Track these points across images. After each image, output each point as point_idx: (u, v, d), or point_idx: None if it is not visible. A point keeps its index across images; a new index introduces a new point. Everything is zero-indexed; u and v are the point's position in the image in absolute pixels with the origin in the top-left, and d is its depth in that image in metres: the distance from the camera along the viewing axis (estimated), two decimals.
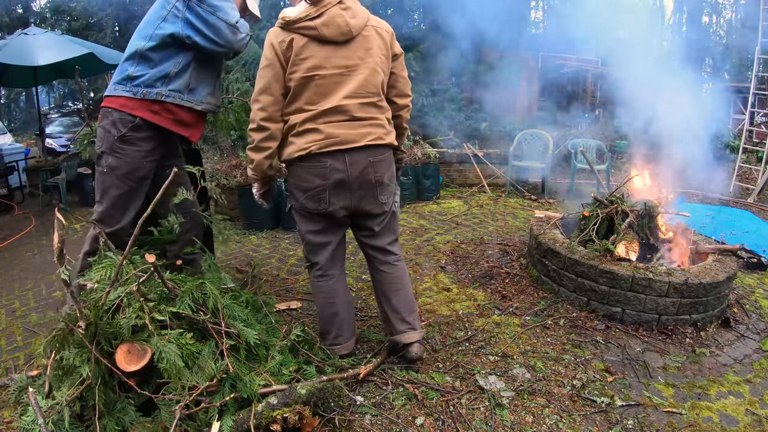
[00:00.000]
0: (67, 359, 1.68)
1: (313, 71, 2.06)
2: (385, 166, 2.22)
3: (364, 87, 2.12)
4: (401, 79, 2.30)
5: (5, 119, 15.71)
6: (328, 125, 2.08)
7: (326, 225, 2.27)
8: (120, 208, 2.36)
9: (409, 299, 2.39)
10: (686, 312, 2.78)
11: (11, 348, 2.65)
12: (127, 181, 2.35)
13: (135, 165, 2.34)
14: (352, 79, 2.09)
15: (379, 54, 2.15)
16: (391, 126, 2.28)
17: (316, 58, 2.06)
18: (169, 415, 1.68)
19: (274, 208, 4.72)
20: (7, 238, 4.79)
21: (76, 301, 1.68)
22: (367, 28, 2.13)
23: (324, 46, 2.07)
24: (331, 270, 2.36)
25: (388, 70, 2.23)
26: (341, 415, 2.00)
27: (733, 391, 2.30)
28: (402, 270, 2.41)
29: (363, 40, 2.12)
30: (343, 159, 2.11)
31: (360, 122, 2.12)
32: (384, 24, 2.24)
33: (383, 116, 2.21)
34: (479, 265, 3.72)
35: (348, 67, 2.09)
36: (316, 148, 2.08)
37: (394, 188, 2.34)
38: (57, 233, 1.56)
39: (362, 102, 2.12)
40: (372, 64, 2.13)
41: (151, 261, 1.80)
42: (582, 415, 2.09)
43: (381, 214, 2.30)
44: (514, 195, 6.25)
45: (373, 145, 2.15)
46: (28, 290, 3.45)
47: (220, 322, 1.97)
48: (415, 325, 2.36)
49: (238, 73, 7.28)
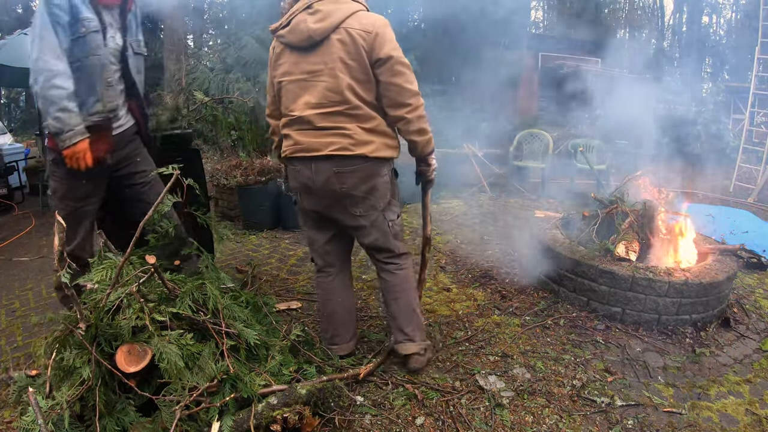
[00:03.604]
0: (68, 360, 1.68)
1: (282, 77, 2.14)
2: (355, 178, 2.09)
3: (325, 95, 2.04)
4: (392, 87, 2.04)
5: (5, 119, 15.69)
6: (297, 132, 2.13)
7: (311, 222, 2.35)
8: (69, 228, 2.29)
9: (408, 309, 2.32)
10: (686, 312, 2.78)
11: (11, 348, 2.65)
12: (67, 202, 2.30)
13: (71, 185, 2.28)
14: (315, 85, 2.06)
15: (345, 58, 2.00)
16: (375, 135, 2.10)
17: (287, 64, 2.12)
18: (170, 416, 1.68)
19: (273, 208, 4.72)
20: (7, 238, 4.79)
21: (76, 302, 1.68)
22: (338, 31, 2.00)
23: (293, 53, 2.10)
24: (327, 267, 2.39)
25: (365, 76, 2.03)
26: (341, 415, 2.00)
27: (733, 391, 2.30)
28: (403, 279, 2.32)
29: (329, 44, 2.02)
30: (310, 166, 2.12)
31: (323, 131, 2.07)
32: (368, 24, 2.01)
33: (355, 125, 2.06)
34: (479, 265, 3.72)
35: (312, 73, 2.06)
36: (289, 152, 2.17)
37: (378, 203, 2.18)
38: (57, 236, 1.56)
39: (325, 111, 2.05)
40: (335, 70, 2.01)
41: (152, 262, 1.80)
42: (582, 415, 2.09)
43: (358, 227, 2.22)
44: (514, 195, 6.25)
45: (338, 156, 2.06)
46: (28, 290, 3.45)
47: (220, 322, 1.97)
48: (414, 337, 2.30)
49: (239, 73, 7.29)
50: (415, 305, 2.36)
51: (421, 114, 2.12)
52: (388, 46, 2.01)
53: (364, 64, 2.02)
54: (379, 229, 2.23)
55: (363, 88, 2.05)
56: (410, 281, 2.36)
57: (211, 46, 11.34)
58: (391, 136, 2.16)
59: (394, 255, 2.31)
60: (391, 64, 2.02)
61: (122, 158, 2.40)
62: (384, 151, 2.12)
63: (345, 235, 2.38)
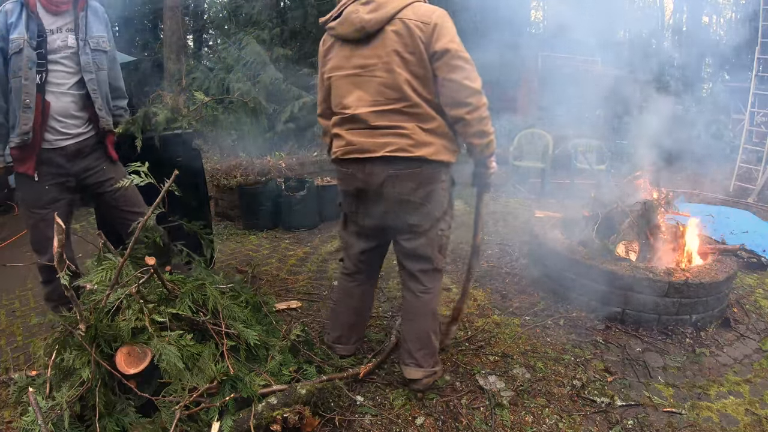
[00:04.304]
0: (67, 361, 1.68)
1: (331, 72, 2.01)
2: (412, 182, 1.94)
3: (380, 92, 1.89)
4: (449, 84, 1.86)
5: None
6: (349, 132, 1.99)
7: (355, 228, 2.21)
8: (42, 236, 2.33)
9: (422, 334, 2.16)
10: (686, 312, 2.78)
11: (11, 348, 2.65)
12: (34, 210, 2.31)
13: (36, 193, 2.29)
14: (369, 81, 1.91)
15: (402, 51, 1.85)
16: (435, 137, 1.94)
17: (337, 58, 1.99)
18: (169, 416, 1.68)
19: (273, 208, 4.72)
20: (7, 238, 4.79)
21: (76, 304, 1.68)
22: (393, 22, 1.85)
23: (345, 46, 1.96)
24: (356, 274, 2.30)
25: (423, 71, 1.87)
26: (341, 415, 2.00)
27: (733, 391, 2.30)
28: (425, 303, 2.14)
29: (384, 36, 1.87)
30: (363, 168, 1.97)
31: (378, 131, 1.92)
32: (426, 14, 1.85)
33: (413, 125, 1.90)
34: (479, 265, 3.72)
35: (365, 67, 1.91)
36: (340, 153, 2.03)
37: (434, 211, 2.03)
38: (57, 238, 1.56)
39: (381, 109, 1.90)
40: (392, 64, 1.86)
41: (151, 263, 1.80)
42: (582, 415, 2.09)
43: (409, 234, 2.07)
44: (514, 195, 6.25)
45: (395, 157, 1.90)
46: (28, 290, 3.45)
47: (220, 322, 1.97)
48: (422, 363, 2.15)
49: (239, 73, 7.28)
50: (432, 331, 2.18)
51: (483, 115, 1.92)
52: (445, 38, 1.83)
53: (422, 58, 1.86)
54: (428, 237, 2.07)
55: (422, 85, 1.89)
56: (433, 306, 2.18)
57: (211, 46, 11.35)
58: (452, 138, 2.00)
59: (429, 270, 2.13)
60: (449, 57, 1.84)
61: (84, 168, 2.37)
62: (444, 155, 1.96)
63: (385, 245, 2.27)
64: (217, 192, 5.11)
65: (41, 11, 2.17)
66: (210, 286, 2.04)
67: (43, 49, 2.17)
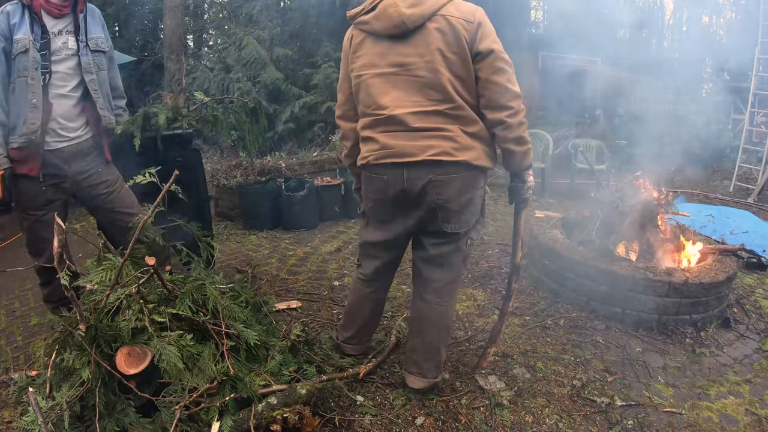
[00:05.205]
0: (67, 361, 1.68)
1: (363, 70, 1.88)
2: (454, 188, 1.86)
3: (422, 92, 1.80)
4: (491, 86, 1.79)
5: None
6: (384, 134, 1.86)
7: (381, 240, 2.10)
8: (38, 239, 2.34)
9: (432, 348, 2.08)
10: (686, 312, 2.78)
11: (12, 348, 2.65)
12: (29, 211, 2.32)
13: (32, 194, 2.29)
14: (408, 81, 1.81)
15: (445, 50, 1.76)
16: (478, 141, 1.86)
17: (369, 55, 1.86)
18: (169, 416, 1.68)
19: (273, 208, 4.72)
20: (7, 238, 4.78)
21: (76, 304, 1.68)
22: (435, 18, 1.76)
23: (380, 42, 1.84)
24: (373, 281, 2.24)
25: (466, 72, 1.79)
26: (341, 415, 2.00)
27: (733, 391, 2.30)
28: (440, 315, 2.06)
29: (426, 33, 1.77)
30: (401, 174, 1.85)
31: (419, 133, 1.81)
32: (468, 12, 1.79)
33: (457, 128, 1.82)
34: (479, 265, 3.72)
35: (403, 66, 1.80)
36: (373, 158, 1.90)
37: (471, 218, 1.97)
38: (57, 238, 1.56)
39: (422, 110, 1.81)
40: (434, 63, 1.77)
41: (151, 263, 1.80)
42: (582, 415, 2.09)
43: (439, 239, 2.00)
44: None
45: (438, 161, 1.81)
46: (28, 290, 3.45)
47: (220, 323, 1.97)
48: (426, 374, 2.10)
49: (240, 73, 7.28)
50: (443, 344, 2.11)
51: (522, 120, 1.86)
52: (489, 38, 1.77)
53: (465, 59, 1.77)
54: (458, 244, 2.02)
55: (464, 86, 1.81)
56: (448, 319, 2.09)
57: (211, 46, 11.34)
58: (491, 144, 1.92)
59: (449, 280, 2.06)
60: (492, 59, 1.77)
61: (80, 170, 2.37)
62: (485, 160, 1.89)
63: (399, 257, 2.22)
64: (217, 192, 5.11)
65: (43, 14, 2.19)
66: (210, 286, 2.04)
67: (46, 51, 2.18)
